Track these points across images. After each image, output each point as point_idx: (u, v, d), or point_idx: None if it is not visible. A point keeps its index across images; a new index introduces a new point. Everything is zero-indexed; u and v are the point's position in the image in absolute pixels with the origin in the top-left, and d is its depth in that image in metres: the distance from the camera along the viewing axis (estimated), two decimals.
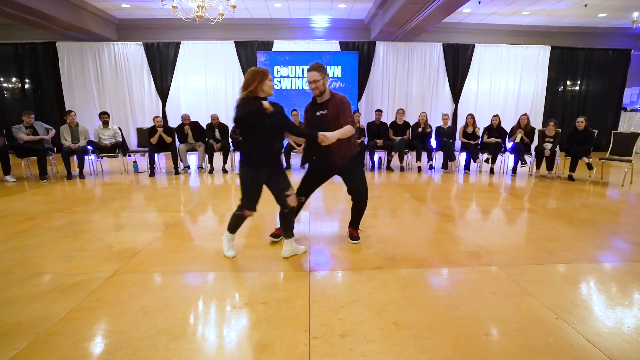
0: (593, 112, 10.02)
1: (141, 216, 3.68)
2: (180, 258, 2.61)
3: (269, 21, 9.15)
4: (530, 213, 3.92)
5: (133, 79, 9.14)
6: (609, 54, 10.11)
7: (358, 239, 2.91)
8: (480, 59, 9.59)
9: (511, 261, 2.57)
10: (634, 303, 2.04)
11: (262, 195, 2.52)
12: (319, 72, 2.58)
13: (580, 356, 1.56)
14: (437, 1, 6.21)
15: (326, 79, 2.66)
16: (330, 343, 1.64)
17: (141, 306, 1.93)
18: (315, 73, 2.57)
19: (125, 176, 6.03)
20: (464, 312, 1.90)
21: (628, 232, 3.25)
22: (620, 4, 7.77)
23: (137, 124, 8.81)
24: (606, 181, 5.69)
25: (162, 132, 6.09)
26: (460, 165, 6.68)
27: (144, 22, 9.01)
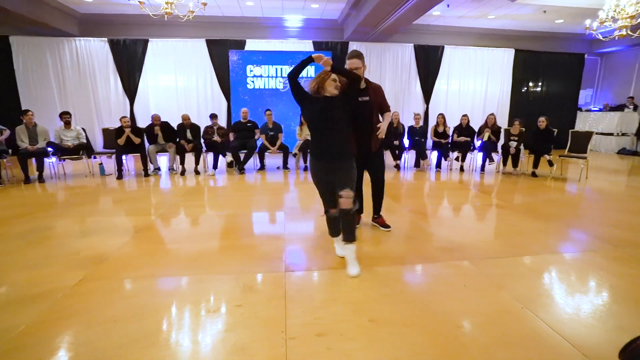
0: (553, 112, 10.60)
1: (109, 220, 3.52)
2: (152, 263, 2.52)
3: (241, 20, 9.01)
4: (498, 209, 4.10)
5: (98, 77, 8.71)
6: (566, 57, 10.77)
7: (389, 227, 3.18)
8: (449, 60, 9.92)
9: (482, 255, 2.67)
10: (589, 290, 2.18)
11: (237, 197, 2.47)
12: (360, 59, 2.69)
13: (543, 342, 1.65)
14: (409, 3, 6.36)
15: (365, 67, 2.77)
16: (308, 343, 1.64)
17: (111, 314, 1.85)
18: (357, 60, 2.68)
19: (91, 179, 5.75)
20: (439, 306, 1.96)
21: (585, 224, 3.48)
22: (575, 12, 8.29)
23: (103, 124, 8.42)
24: (565, 177, 6.05)
25: (130, 133, 5.86)
26: (432, 163, 6.88)
27: (109, 18, 8.61)
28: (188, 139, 6.24)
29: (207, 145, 6.37)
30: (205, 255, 2.65)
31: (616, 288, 2.20)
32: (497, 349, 1.61)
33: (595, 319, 1.85)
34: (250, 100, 8.64)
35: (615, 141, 9.91)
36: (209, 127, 6.42)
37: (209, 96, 9.24)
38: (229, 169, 6.53)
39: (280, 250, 2.76)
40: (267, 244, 2.89)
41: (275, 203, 4.24)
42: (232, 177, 5.95)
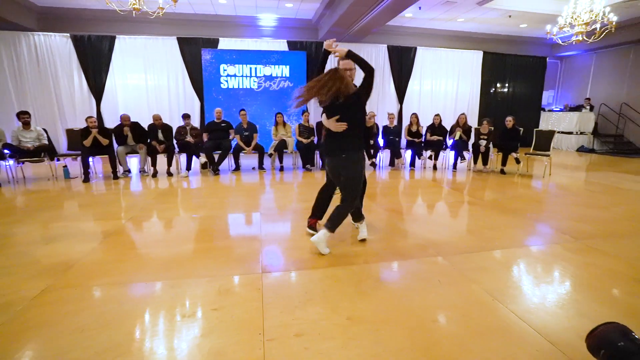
0: (519, 112, 11.15)
1: (75, 226, 3.35)
2: (122, 268, 2.42)
3: (214, 18, 8.82)
4: (470, 205, 4.24)
5: (60, 75, 8.23)
6: (530, 60, 11.33)
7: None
8: (422, 61, 10.17)
9: (454, 251, 2.76)
10: (554, 280, 2.30)
11: (212, 199, 2.42)
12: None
13: (512, 332, 1.73)
14: (381, 5, 6.46)
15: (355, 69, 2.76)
16: (286, 344, 1.63)
17: (77, 325, 1.75)
18: (350, 61, 2.66)
19: (55, 183, 5.44)
20: (414, 302, 2.01)
21: (550, 218, 3.67)
22: (537, 17, 8.73)
23: (67, 125, 7.98)
24: (531, 174, 6.36)
25: (97, 134, 5.59)
26: (406, 162, 7.03)
27: (71, 12, 8.17)
28: (160, 140, 6.04)
29: (179, 146, 6.19)
30: (179, 259, 2.57)
31: (577, 277, 2.33)
32: (470, 340, 1.66)
33: (559, 307, 1.96)
34: (224, 100, 8.48)
35: (574, 139, 10.53)
36: (181, 128, 6.25)
37: (181, 96, 8.98)
38: (203, 170, 6.38)
39: (257, 251, 2.72)
40: (244, 246, 2.84)
41: (251, 204, 4.18)
42: (206, 178, 5.82)
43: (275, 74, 8.67)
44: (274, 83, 8.69)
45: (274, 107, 8.31)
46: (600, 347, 0.74)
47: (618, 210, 3.96)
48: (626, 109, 10.16)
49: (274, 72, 8.66)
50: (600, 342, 0.74)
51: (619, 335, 0.72)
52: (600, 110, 10.69)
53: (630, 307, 1.97)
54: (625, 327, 0.74)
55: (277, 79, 8.70)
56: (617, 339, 0.71)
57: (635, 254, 2.71)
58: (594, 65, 11.11)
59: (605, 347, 0.73)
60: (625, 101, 10.19)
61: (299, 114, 7.73)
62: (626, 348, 0.68)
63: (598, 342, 0.75)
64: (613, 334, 0.73)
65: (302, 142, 6.48)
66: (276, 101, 8.65)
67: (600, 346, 0.74)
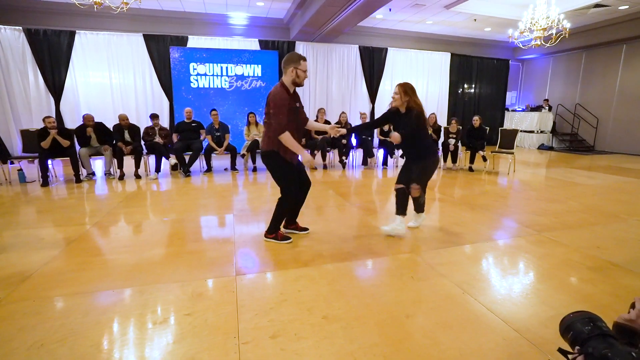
0: (485, 111, 11.69)
1: (33, 233, 3.13)
2: (87, 277, 2.29)
3: (182, 15, 8.56)
4: (441, 202, 4.38)
5: (12, 72, 7.65)
6: (494, 62, 11.87)
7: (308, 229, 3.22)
8: (393, 61, 10.38)
9: (426, 247, 2.84)
10: (518, 272, 2.43)
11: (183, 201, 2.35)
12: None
13: (481, 323, 1.80)
14: (353, 5, 6.53)
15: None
16: (261, 346, 1.61)
17: (35, 339, 1.64)
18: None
19: (8, 187, 5.07)
20: (388, 298, 2.05)
21: (514, 213, 3.86)
22: (500, 22, 9.17)
23: (22, 125, 7.45)
24: (497, 171, 6.66)
25: (57, 135, 5.26)
26: (379, 161, 7.15)
27: (24, 4, 7.61)
28: (126, 141, 5.78)
29: (148, 148, 5.96)
30: (149, 265, 2.47)
31: (539, 268, 2.47)
32: (441, 333, 1.72)
33: (523, 297, 2.07)
34: (194, 99, 8.24)
35: (535, 138, 11.14)
36: (149, 128, 6.02)
37: (149, 95, 8.64)
38: (173, 172, 6.18)
39: (231, 254, 2.67)
40: (217, 249, 2.78)
41: (223, 206, 4.10)
42: (176, 180, 5.64)
43: (247, 73, 8.54)
44: (245, 82, 8.56)
45: (246, 107, 8.18)
46: (569, 329, 0.85)
47: (573, 204, 4.23)
48: (580, 110, 10.88)
49: (246, 72, 8.53)
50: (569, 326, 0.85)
51: (587, 322, 0.83)
52: (557, 111, 11.38)
53: (585, 293, 2.12)
54: (594, 315, 0.85)
55: (249, 79, 8.57)
56: (585, 324, 0.82)
57: (588, 244, 2.91)
58: (551, 68, 11.81)
59: (572, 330, 0.84)
60: (579, 102, 10.91)
61: None
62: (589, 331, 0.79)
63: (568, 325, 0.86)
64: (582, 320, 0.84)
65: None
66: (248, 101, 8.52)
67: (569, 329, 0.85)
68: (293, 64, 2.59)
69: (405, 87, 2.90)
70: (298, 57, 2.62)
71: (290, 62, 2.60)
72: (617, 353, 0.72)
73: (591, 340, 0.78)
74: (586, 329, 0.81)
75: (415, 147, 3.00)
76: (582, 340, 0.80)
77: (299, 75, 2.61)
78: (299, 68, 2.59)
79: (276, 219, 2.88)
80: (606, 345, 0.75)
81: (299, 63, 2.59)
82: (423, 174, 3.08)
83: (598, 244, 2.92)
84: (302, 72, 2.62)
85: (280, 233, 2.92)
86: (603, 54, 10.18)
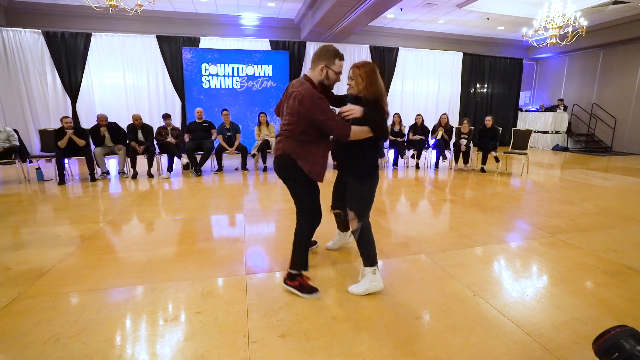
0: (498, 111, 11.49)
1: (49, 230, 3.22)
2: (101, 274, 2.34)
3: (194, 16, 8.67)
4: (452, 203, 4.33)
5: (32, 73, 7.87)
6: (507, 62, 11.66)
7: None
8: (404, 61, 10.31)
9: (436, 248, 2.81)
10: (532, 275, 2.38)
11: (194, 200, 2.37)
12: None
13: (492, 326, 1.77)
14: (363, 5, 6.50)
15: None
16: (271, 345, 1.62)
17: (51, 334, 1.69)
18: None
19: (26, 185, 5.21)
20: (397, 299, 2.03)
21: (527, 215, 3.79)
22: (513, 20, 9.00)
23: (40, 125, 7.65)
24: (510, 172, 6.55)
25: (73, 134, 5.39)
26: (389, 161, 7.11)
27: (43, 8, 7.83)
28: (140, 141, 5.88)
29: (160, 147, 6.05)
30: (161, 263, 2.51)
31: (553, 271, 2.42)
32: (451, 335, 1.69)
33: (536, 300, 2.02)
34: (206, 99, 8.34)
35: (550, 138, 10.91)
36: (162, 128, 6.11)
37: (161, 95, 8.77)
38: (184, 171, 6.26)
39: (241, 253, 2.69)
40: (227, 248, 2.81)
41: (234, 205, 4.13)
42: (188, 179, 5.71)
43: (258, 73, 8.60)
44: (256, 83, 8.62)
45: (257, 107, 8.24)
46: (612, 351, 0.73)
47: (588, 206, 4.13)
48: (596, 109, 10.61)
49: (257, 72, 8.59)
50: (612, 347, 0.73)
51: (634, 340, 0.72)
52: (573, 111, 11.12)
53: (601, 298, 2.06)
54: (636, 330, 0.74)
55: (260, 79, 8.62)
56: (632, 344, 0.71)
57: (604, 247, 2.84)
58: (566, 67, 11.55)
59: (618, 351, 0.72)
60: (595, 102, 10.64)
61: None
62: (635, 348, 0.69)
63: (610, 346, 0.74)
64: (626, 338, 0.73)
65: None
66: (259, 101, 8.58)
67: (612, 350, 0.74)
68: (325, 61, 1.98)
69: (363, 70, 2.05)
70: (334, 53, 2.00)
71: (322, 58, 1.98)
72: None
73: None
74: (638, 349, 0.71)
75: (351, 154, 2.13)
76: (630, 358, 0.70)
77: (329, 76, 2.02)
78: (331, 68, 1.99)
79: (296, 252, 2.13)
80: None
81: (333, 62, 1.99)
82: (357, 199, 2.13)
83: (614, 247, 2.85)
84: (335, 74, 2.03)
85: (305, 281, 2.12)
86: (621, 52, 9.90)
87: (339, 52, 2.04)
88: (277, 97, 8.74)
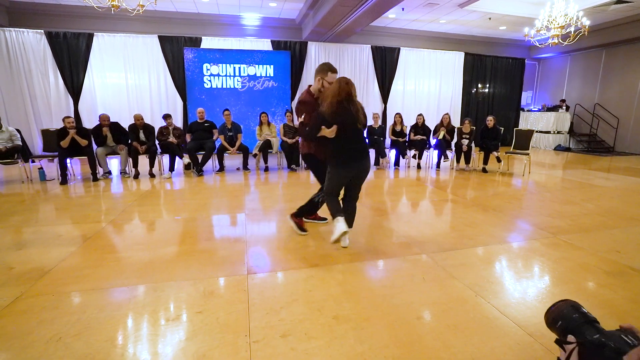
0: (499, 111, 11.47)
1: (51, 230, 3.23)
2: (103, 273, 2.35)
3: (196, 16, 8.69)
4: (453, 203, 4.32)
5: (34, 73, 7.91)
6: (509, 61, 11.64)
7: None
8: (405, 61, 10.29)
9: (438, 248, 2.80)
10: (533, 275, 2.37)
11: (195, 200, 2.37)
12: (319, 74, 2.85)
13: (494, 326, 1.77)
14: (365, 5, 6.50)
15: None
16: (272, 345, 1.62)
17: (53, 333, 1.69)
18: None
19: (29, 185, 5.24)
20: (398, 299, 2.03)
21: (529, 215, 3.78)
22: (515, 20, 8.98)
23: (43, 125, 7.68)
24: (511, 172, 6.53)
25: (75, 134, 5.41)
26: (391, 161, 7.10)
27: (45, 8, 7.86)
28: (141, 141, 5.90)
29: (162, 147, 6.07)
30: (162, 262, 2.52)
31: (554, 272, 2.41)
32: (452, 336, 1.69)
33: (538, 301, 2.02)
34: (207, 99, 8.35)
35: (552, 138, 10.88)
36: (163, 128, 6.12)
37: (163, 95, 8.79)
38: (186, 171, 6.27)
39: (242, 252, 2.70)
40: (228, 247, 2.81)
41: (235, 205, 4.14)
42: (189, 179, 5.72)
43: (260, 73, 8.60)
44: (258, 83, 8.62)
45: (258, 107, 8.25)
46: (557, 320, 0.88)
47: (590, 206, 4.11)
48: (599, 109, 10.58)
49: (258, 72, 8.59)
50: (557, 316, 0.88)
51: (573, 310, 0.86)
52: (575, 111, 11.08)
53: (603, 299, 2.06)
54: (576, 302, 0.89)
55: (261, 79, 8.63)
56: (572, 313, 0.85)
57: (606, 248, 2.83)
58: (569, 67, 11.51)
59: (561, 320, 0.87)
60: (598, 102, 10.61)
61: (283, 114, 7.70)
62: (578, 319, 0.83)
63: (555, 316, 0.89)
64: (568, 308, 0.87)
65: (286, 142, 6.45)
66: (260, 101, 8.58)
67: (557, 319, 0.88)
68: (320, 74, 2.70)
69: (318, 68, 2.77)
70: (328, 68, 2.70)
71: (318, 72, 2.72)
72: (609, 337, 0.75)
73: (582, 328, 0.81)
74: (575, 316, 0.84)
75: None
76: (572, 329, 0.83)
77: (324, 85, 2.70)
78: (325, 79, 2.68)
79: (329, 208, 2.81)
80: (595, 331, 0.79)
81: (326, 74, 2.68)
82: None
83: (617, 248, 2.84)
84: (328, 83, 2.67)
85: (302, 221, 3.11)
86: (624, 51, 9.87)
87: (332, 66, 2.74)
88: (279, 97, 8.77)
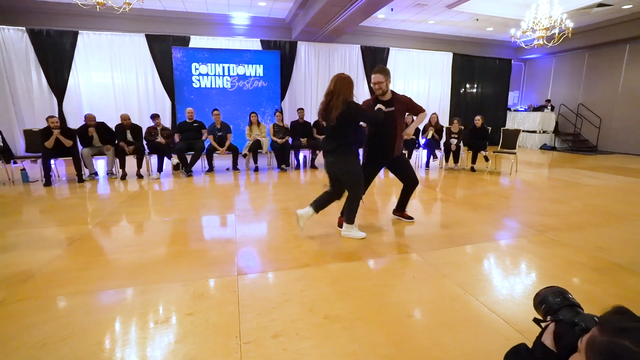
0: (487, 111, 11.63)
1: (36, 232, 3.15)
2: (90, 276, 2.30)
3: (184, 15, 8.58)
4: (443, 202, 4.37)
5: (16, 72, 7.69)
6: (496, 62, 11.83)
7: (413, 218, 3.49)
8: (394, 61, 10.37)
9: (428, 247, 2.83)
10: (521, 272, 2.42)
11: (185, 201, 2.34)
12: (383, 75, 2.98)
13: (483, 323, 1.79)
14: (355, 5, 6.52)
15: (389, 81, 3.05)
16: (263, 346, 1.61)
17: (39, 338, 1.65)
18: (380, 75, 2.98)
19: (11, 187, 5.09)
20: (390, 298, 2.04)
21: (516, 213, 3.85)
22: (502, 21, 9.14)
23: (25, 125, 7.47)
24: (499, 171, 6.64)
25: (60, 135, 5.28)
26: None
27: (27, 5, 7.64)
28: (128, 141, 5.80)
29: (150, 147, 5.97)
30: (151, 264, 2.48)
31: (542, 269, 2.46)
32: (442, 333, 1.71)
33: (526, 297, 2.06)
34: (196, 99, 8.26)
35: (538, 138, 11.10)
36: (151, 128, 6.03)
37: (151, 95, 8.66)
38: (175, 172, 6.19)
39: (232, 253, 2.68)
40: (218, 248, 2.79)
41: (225, 206, 4.10)
42: (178, 180, 5.65)
43: (249, 73, 8.55)
44: (247, 82, 8.57)
45: (248, 107, 8.19)
46: (542, 302, 0.99)
47: (576, 204, 4.21)
48: (582, 109, 10.84)
49: (248, 72, 8.54)
50: (543, 299, 0.99)
51: (558, 294, 0.97)
52: (560, 110, 11.33)
53: (589, 294, 2.11)
54: (563, 289, 1.00)
55: (251, 79, 8.58)
56: (556, 297, 0.96)
57: (592, 245, 2.90)
58: (554, 67, 11.76)
59: (545, 303, 0.98)
60: (582, 102, 10.87)
61: (273, 114, 7.67)
62: (560, 302, 0.94)
63: (541, 299, 1.00)
64: (554, 293, 0.98)
65: (276, 142, 6.43)
66: (250, 101, 8.53)
67: (542, 302, 0.99)
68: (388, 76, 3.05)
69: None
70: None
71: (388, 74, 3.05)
72: (583, 318, 0.84)
73: (561, 310, 0.92)
74: (557, 300, 0.95)
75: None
76: (554, 311, 0.93)
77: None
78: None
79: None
80: (574, 313, 0.89)
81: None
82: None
83: (602, 244, 2.91)
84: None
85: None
86: (606, 53, 10.13)
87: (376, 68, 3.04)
88: (268, 97, 8.73)
